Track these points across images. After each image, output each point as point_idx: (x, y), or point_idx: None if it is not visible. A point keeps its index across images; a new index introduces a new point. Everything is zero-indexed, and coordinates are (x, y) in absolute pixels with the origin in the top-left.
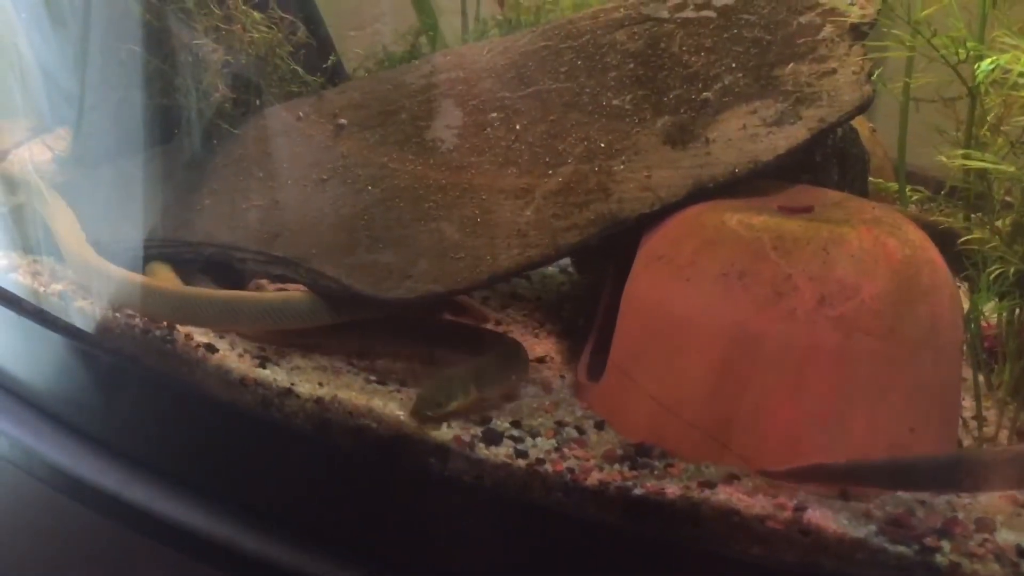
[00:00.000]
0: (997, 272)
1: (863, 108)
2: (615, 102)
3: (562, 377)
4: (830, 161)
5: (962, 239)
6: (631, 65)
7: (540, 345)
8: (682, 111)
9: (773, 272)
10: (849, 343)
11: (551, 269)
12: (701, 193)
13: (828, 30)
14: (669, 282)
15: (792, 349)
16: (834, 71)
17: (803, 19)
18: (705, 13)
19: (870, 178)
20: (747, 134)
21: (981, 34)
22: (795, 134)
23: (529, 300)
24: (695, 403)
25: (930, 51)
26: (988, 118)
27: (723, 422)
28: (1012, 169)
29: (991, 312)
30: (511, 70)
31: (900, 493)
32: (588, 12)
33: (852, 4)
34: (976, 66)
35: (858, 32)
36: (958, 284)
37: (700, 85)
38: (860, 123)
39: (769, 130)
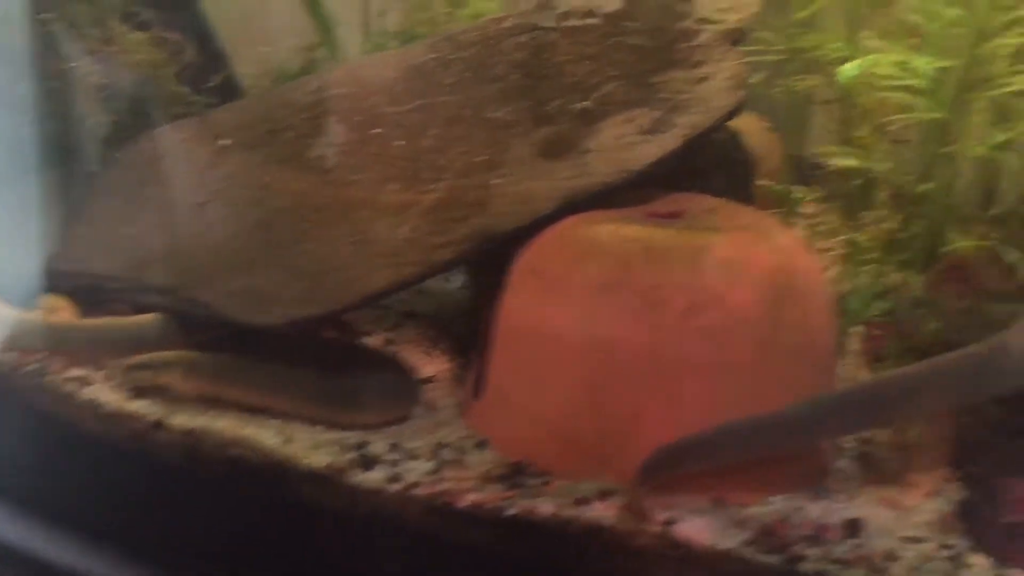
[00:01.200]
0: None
1: (734, 113)
2: (498, 114)
3: (451, 397)
4: (713, 166)
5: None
6: (515, 76)
7: (432, 364)
8: (561, 121)
9: (642, 283)
10: (717, 353)
11: (452, 283)
12: (575, 205)
13: (705, 36)
14: (541, 296)
15: (661, 361)
16: (708, 77)
17: (682, 26)
18: (590, 21)
19: (769, 181)
20: (622, 143)
21: (852, 36)
22: (668, 142)
23: (426, 317)
24: (570, 419)
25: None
26: (867, 118)
27: (599, 437)
28: (882, 167)
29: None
30: (399, 84)
31: (777, 497)
32: (479, 22)
33: (728, 10)
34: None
35: (733, 37)
36: None
37: (581, 94)
38: (754, 123)
39: (643, 138)
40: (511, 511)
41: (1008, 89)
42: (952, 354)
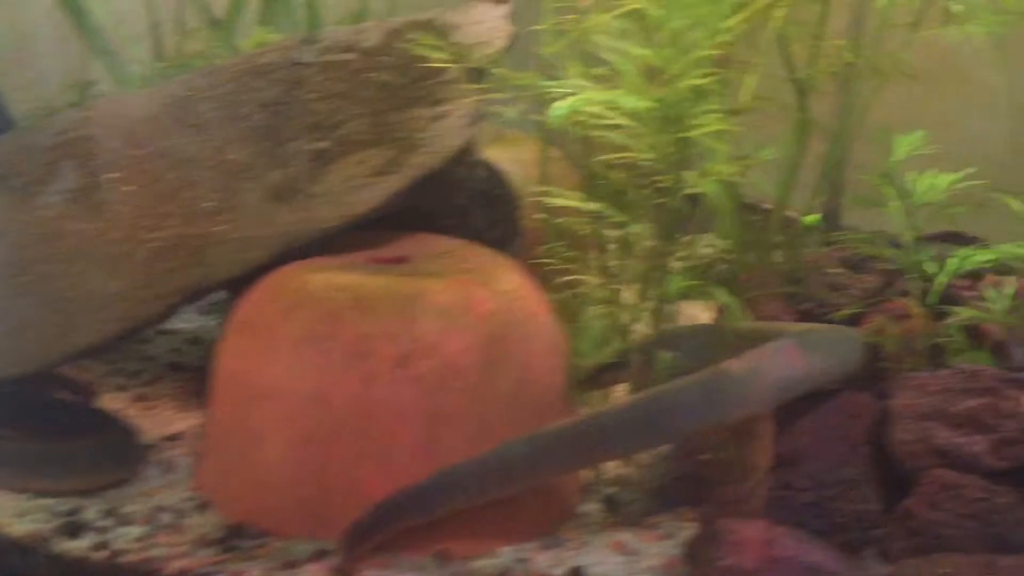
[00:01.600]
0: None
1: (463, 152)
2: (235, 156)
3: (192, 455)
4: (475, 203)
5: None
6: (262, 115)
7: (183, 420)
8: (297, 163)
9: (352, 334)
10: (432, 403)
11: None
12: (294, 252)
13: (452, 72)
14: (253, 349)
15: (375, 413)
16: (445, 115)
17: (432, 61)
18: (347, 56)
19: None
20: (350, 186)
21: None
22: (393, 184)
23: (189, 369)
24: (286, 476)
25: None
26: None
27: (316, 494)
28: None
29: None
30: (148, 124)
31: (506, 548)
32: (241, 56)
33: (478, 45)
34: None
35: (476, 73)
36: None
37: (320, 134)
38: (542, 151)
39: (371, 181)
40: None
41: (699, 131)
42: (674, 383)
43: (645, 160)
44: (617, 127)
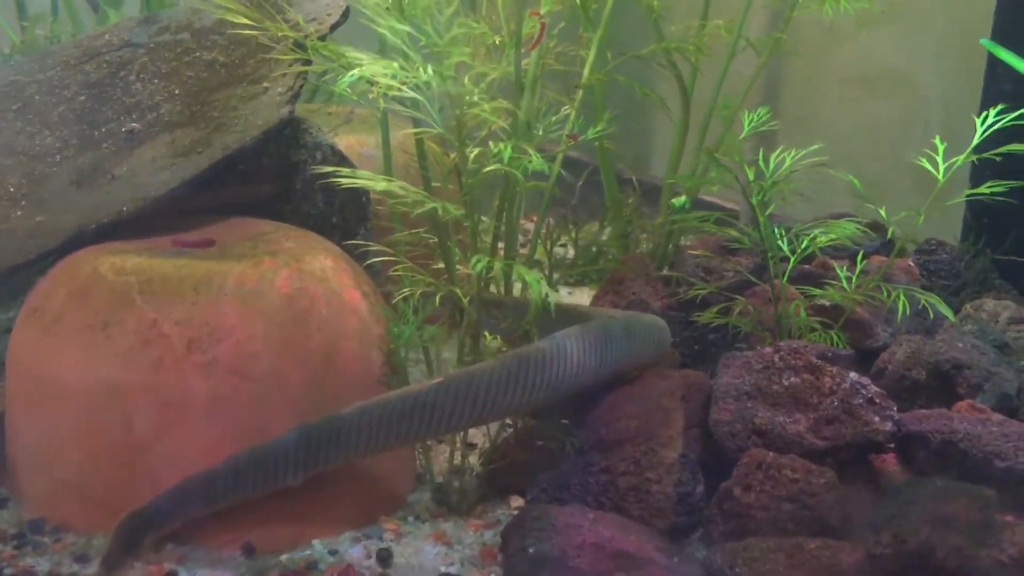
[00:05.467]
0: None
1: (275, 131)
2: (48, 140)
3: None
4: (311, 188)
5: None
6: (83, 98)
7: None
8: (105, 145)
9: (139, 319)
10: (222, 388)
11: None
12: (87, 237)
13: (279, 49)
14: (39, 338)
15: (164, 401)
16: (262, 93)
17: (262, 39)
18: (181, 36)
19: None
20: (154, 167)
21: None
22: (195, 164)
23: None
24: (81, 469)
25: None
26: None
27: (111, 487)
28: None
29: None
30: None
31: (319, 540)
32: (78, 38)
33: (312, 21)
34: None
35: (303, 50)
36: None
37: (135, 115)
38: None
39: (175, 161)
40: (8, 572)
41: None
42: (478, 365)
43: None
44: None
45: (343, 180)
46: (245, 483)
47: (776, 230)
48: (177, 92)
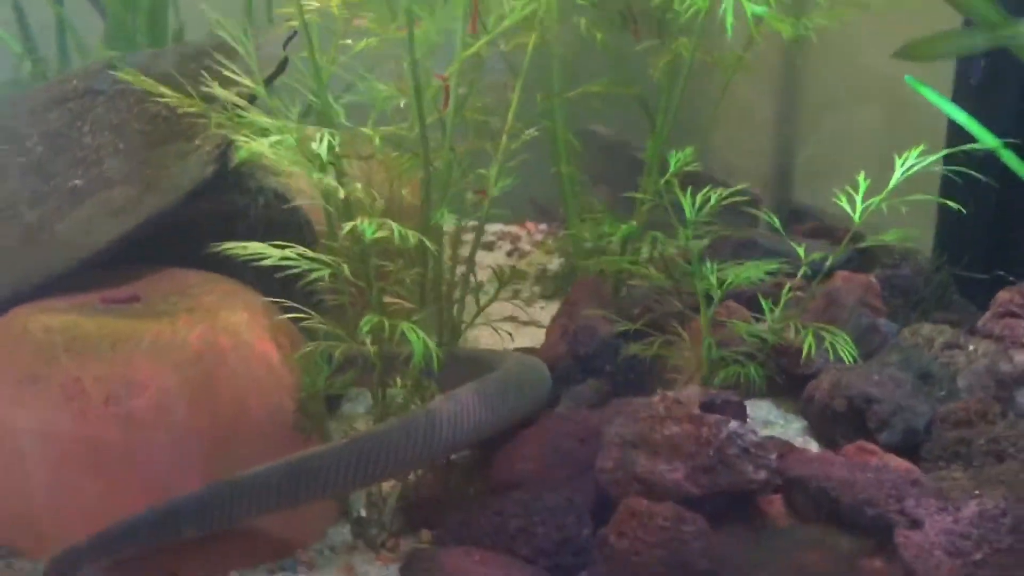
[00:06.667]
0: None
1: (197, 192)
2: (4, 193)
3: None
4: (256, 232)
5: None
6: (41, 149)
7: None
8: (51, 201)
9: (64, 375)
10: (136, 439)
11: None
12: (23, 296)
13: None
14: None
15: (88, 451)
16: (193, 151)
17: (207, 90)
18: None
19: None
20: (89, 226)
21: None
22: (123, 224)
23: None
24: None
25: None
26: None
27: (34, 535)
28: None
29: None
30: None
31: (234, 573)
32: (53, 81)
33: (250, 73)
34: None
35: (245, 99)
36: None
37: (81, 171)
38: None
39: (107, 220)
40: None
41: None
42: (384, 424)
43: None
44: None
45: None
46: (155, 533)
47: (708, 264)
48: (121, 147)
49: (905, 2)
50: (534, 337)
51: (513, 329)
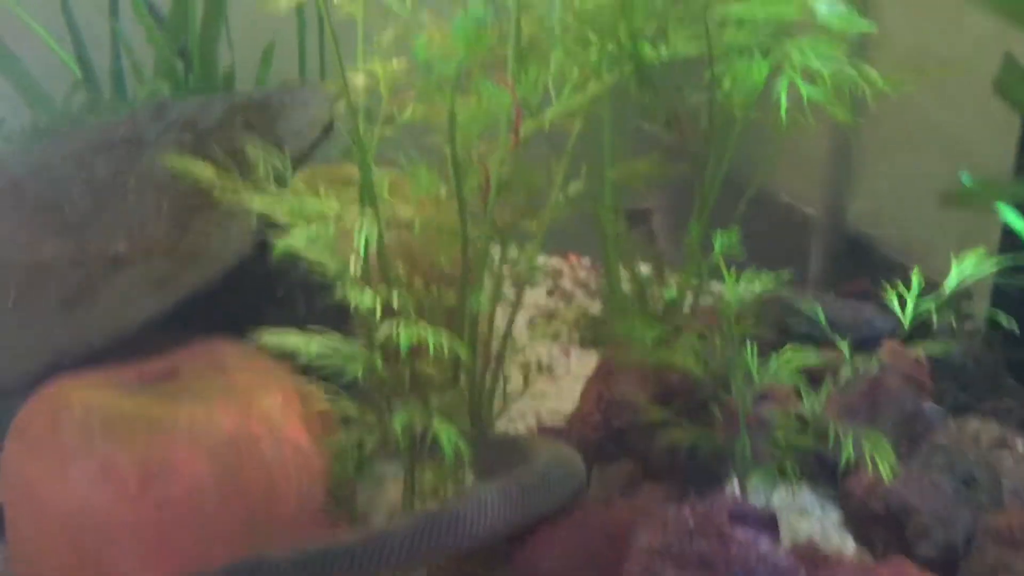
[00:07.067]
0: None
1: (237, 266)
2: (48, 249)
3: None
4: (296, 293)
5: None
6: (85, 201)
7: None
8: (96, 265)
9: (102, 456)
10: (169, 522)
11: None
12: (64, 366)
13: (264, 165)
14: (24, 454)
15: (123, 529)
16: (235, 219)
17: (247, 154)
18: (184, 136)
19: None
20: (128, 297)
21: None
22: (162, 301)
23: None
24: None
25: None
26: None
27: None
28: None
29: None
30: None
31: None
32: (103, 122)
33: (296, 135)
34: None
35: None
36: None
37: (123, 232)
38: None
39: (147, 294)
40: None
41: None
42: (407, 517)
43: None
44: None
45: None
46: None
47: (749, 348)
48: (164, 208)
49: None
50: (570, 393)
51: (549, 384)
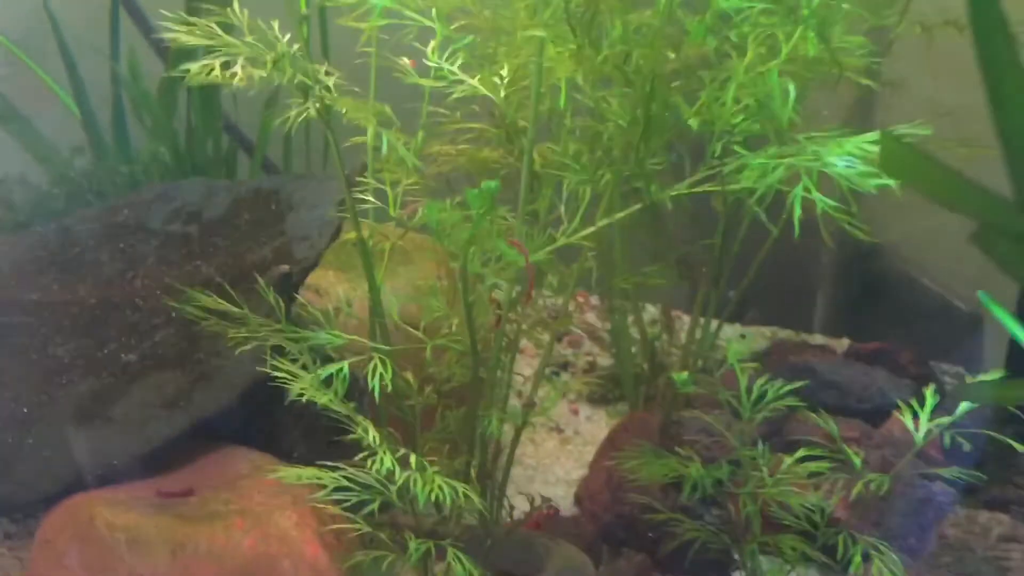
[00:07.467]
0: None
1: (247, 394)
2: (59, 351)
3: None
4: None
5: None
6: (93, 301)
7: None
8: (107, 373)
9: (127, 572)
10: None
11: None
12: (85, 485)
13: (273, 272)
14: (51, 567)
15: None
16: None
17: (257, 255)
18: (189, 228)
19: None
20: (141, 415)
21: None
22: (176, 424)
23: None
24: None
25: None
26: None
27: None
28: None
29: None
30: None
31: None
32: (104, 206)
33: (304, 240)
34: None
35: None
36: None
37: (134, 340)
38: None
39: (159, 413)
40: None
41: None
42: None
43: None
44: None
45: None
46: None
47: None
48: (174, 315)
49: None
50: (579, 456)
51: (559, 447)
